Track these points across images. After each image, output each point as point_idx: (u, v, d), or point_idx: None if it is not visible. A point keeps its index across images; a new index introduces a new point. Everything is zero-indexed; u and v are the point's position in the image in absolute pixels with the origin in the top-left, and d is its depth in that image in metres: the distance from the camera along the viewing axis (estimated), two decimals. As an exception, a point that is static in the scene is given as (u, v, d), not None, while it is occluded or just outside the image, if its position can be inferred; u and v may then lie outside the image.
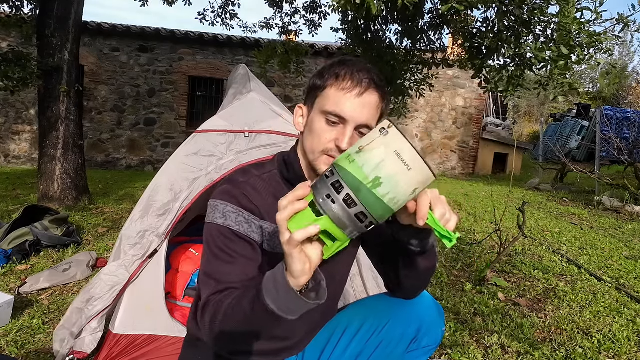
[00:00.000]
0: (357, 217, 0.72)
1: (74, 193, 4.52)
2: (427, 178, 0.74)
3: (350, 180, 0.72)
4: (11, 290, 2.42)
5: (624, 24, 2.22)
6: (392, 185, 0.71)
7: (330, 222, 0.72)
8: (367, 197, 0.71)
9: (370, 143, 0.73)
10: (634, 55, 30.76)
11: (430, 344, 1.18)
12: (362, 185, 0.71)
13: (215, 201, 1.05)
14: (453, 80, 9.78)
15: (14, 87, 4.04)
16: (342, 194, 0.72)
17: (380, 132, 0.74)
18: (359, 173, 0.72)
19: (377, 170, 0.71)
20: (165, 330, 1.71)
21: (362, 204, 0.71)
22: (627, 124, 10.72)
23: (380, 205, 0.72)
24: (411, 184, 0.73)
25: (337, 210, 0.72)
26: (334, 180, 0.73)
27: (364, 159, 0.72)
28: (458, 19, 3.47)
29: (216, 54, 8.97)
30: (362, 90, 0.98)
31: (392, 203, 0.73)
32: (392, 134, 0.73)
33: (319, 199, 0.73)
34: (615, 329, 2.25)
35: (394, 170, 0.71)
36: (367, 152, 0.72)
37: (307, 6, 6.25)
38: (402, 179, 0.72)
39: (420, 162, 0.72)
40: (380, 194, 0.71)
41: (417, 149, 0.72)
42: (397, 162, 0.71)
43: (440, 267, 3.05)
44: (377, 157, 0.72)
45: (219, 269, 0.99)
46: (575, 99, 13.86)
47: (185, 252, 2.43)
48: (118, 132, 8.87)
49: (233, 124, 1.95)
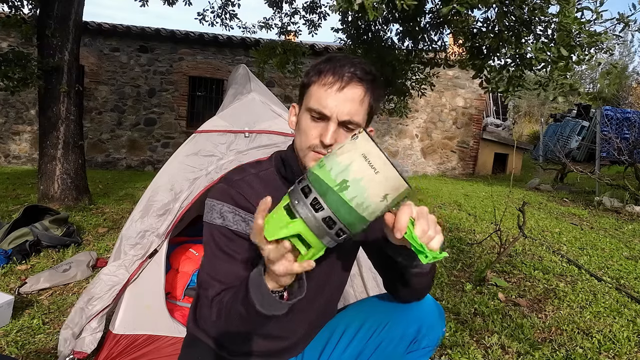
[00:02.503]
0: (325, 222, 0.71)
1: (74, 193, 4.52)
2: (398, 184, 0.72)
3: (318, 184, 0.72)
4: (11, 290, 2.42)
5: (625, 23, 2.22)
6: (359, 189, 0.70)
7: (303, 225, 0.71)
8: (333, 200, 0.70)
9: (340, 148, 0.74)
10: (634, 56, 30.77)
11: (430, 344, 1.18)
12: (329, 188, 0.71)
13: (212, 201, 1.05)
14: (453, 80, 9.78)
15: (14, 87, 4.04)
16: (309, 198, 0.71)
17: (352, 138, 0.74)
18: (327, 176, 0.71)
19: (343, 173, 0.70)
20: (165, 331, 1.71)
21: (328, 207, 0.70)
22: (627, 124, 10.72)
23: (347, 210, 0.71)
24: (380, 189, 0.71)
25: (305, 214, 0.71)
26: (303, 185, 0.73)
27: (332, 162, 0.72)
28: (458, 19, 3.47)
29: (216, 54, 8.98)
30: (342, 84, 0.97)
31: (361, 209, 0.71)
32: (361, 138, 0.73)
33: (292, 202, 0.73)
34: (616, 329, 2.25)
35: (361, 173, 0.70)
36: (336, 156, 0.72)
37: (307, 6, 6.25)
38: (370, 183, 0.70)
39: (389, 166, 0.70)
40: (347, 198, 0.70)
41: (386, 155, 0.71)
42: (364, 164, 0.70)
43: (440, 267, 3.05)
44: (345, 160, 0.71)
45: (221, 269, 1.00)
46: (575, 99, 13.85)
47: (185, 252, 2.43)
48: (118, 132, 8.87)
49: (233, 124, 1.95)
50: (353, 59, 1.02)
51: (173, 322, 1.74)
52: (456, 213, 5.18)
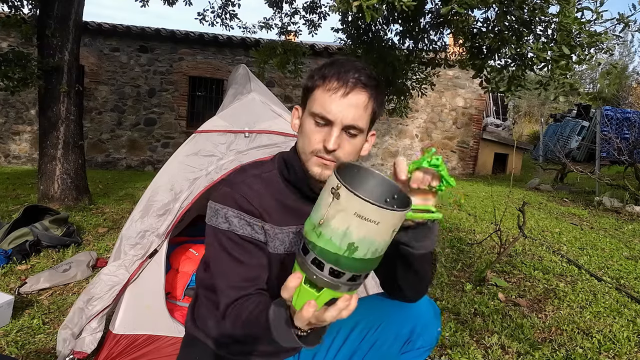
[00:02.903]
0: (350, 280, 0.72)
1: (74, 193, 4.51)
2: (400, 217, 0.71)
3: (326, 255, 0.70)
4: (11, 290, 2.41)
5: (625, 23, 2.22)
6: (367, 244, 0.69)
7: (330, 292, 0.72)
8: (349, 264, 0.70)
9: (327, 212, 0.69)
10: (634, 56, 30.78)
11: (425, 345, 1.18)
12: (339, 256, 0.69)
13: (215, 205, 1.04)
14: (453, 80, 9.78)
15: (14, 87, 4.04)
16: (325, 270, 0.71)
17: (332, 194, 0.69)
18: (331, 246, 0.69)
19: (346, 238, 0.68)
20: (165, 330, 1.71)
21: (348, 270, 0.70)
22: (627, 124, 10.72)
23: (364, 264, 0.71)
24: (386, 232, 0.70)
25: (331, 282, 0.71)
26: (312, 258, 0.71)
27: (329, 231, 0.69)
28: (458, 19, 3.47)
29: (216, 54, 8.98)
30: (347, 90, 0.97)
31: (377, 254, 0.71)
32: (344, 196, 0.67)
33: (311, 277, 0.71)
34: (616, 329, 2.25)
35: (363, 232, 0.68)
36: (329, 224, 0.69)
37: (307, 6, 6.25)
38: (376, 235, 0.69)
39: (387, 212, 0.67)
40: (360, 256, 0.69)
41: (375, 202, 0.67)
42: (362, 224, 0.67)
43: (440, 267, 3.05)
44: (341, 226, 0.68)
45: (233, 275, 1.00)
46: (575, 99, 13.86)
47: (185, 252, 2.43)
48: (118, 132, 8.87)
49: (233, 124, 1.95)
50: (357, 63, 1.02)
51: (173, 322, 1.74)
52: (456, 213, 5.18)
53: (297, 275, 0.72)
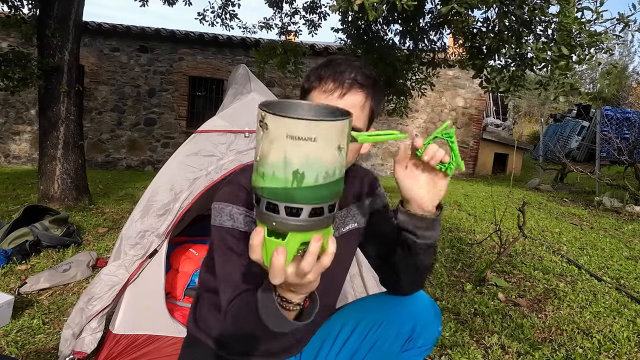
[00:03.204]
0: (313, 215, 0.64)
1: (74, 193, 4.52)
2: (339, 127, 0.63)
3: (276, 194, 0.63)
4: (11, 290, 2.41)
5: (625, 23, 2.22)
6: (314, 168, 0.62)
7: (296, 235, 0.65)
8: (302, 195, 0.63)
9: (261, 148, 0.64)
10: (634, 56, 30.78)
11: (426, 343, 1.18)
12: (288, 190, 0.62)
13: (220, 204, 1.04)
14: (453, 80, 9.78)
15: (14, 87, 4.04)
16: (281, 211, 0.64)
17: (261, 127, 0.63)
18: (277, 181, 0.63)
19: (288, 167, 0.61)
20: (166, 330, 1.71)
21: (304, 203, 0.63)
22: (627, 124, 10.73)
23: (319, 191, 0.63)
24: (330, 149, 0.63)
25: (291, 223, 0.64)
26: (265, 204, 0.65)
27: (269, 166, 0.63)
28: (458, 19, 3.47)
29: (216, 54, 8.98)
30: (343, 91, 0.97)
31: (329, 178, 0.64)
32: (271, 123, 0.62)
33: (270, 225, 0.65)
34: (616, 329, 2.25)
35: (303, 154, 0.61)
36: (267, 159, 0.63)
37: (307, 6, 6.26)
38: (318, 154, 0.62)
39: (319, 124, 0.61)
40: (310, 183, 0.62)
41: (304, 115, 0.62)
42: (298, 145, 0.61)
43: (440, 267, 3.05)
44: (278, 156, 0.62)
45: (234, 272, 0.98)
46: (575, 99, 13.86)
47: (185, 252, 2.43)
48: (118, 132, 8.87)
49: (233, 124, 1.95)
50: (353, 62, 1.01)
51: (173, 322, 1.74)
52: (456, 213, 5.18)
53: (258, 230, 0.66)
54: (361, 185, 1.21)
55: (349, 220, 1.18)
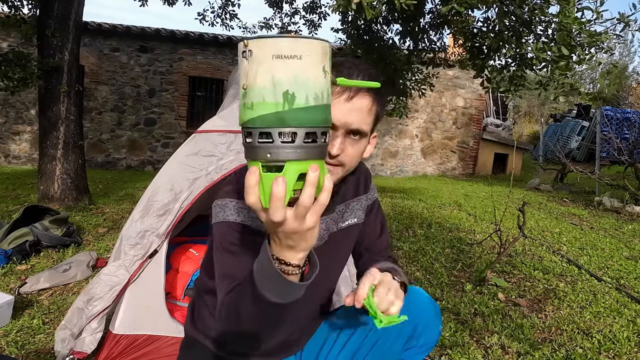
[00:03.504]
0: (308, 140, 0.63)
1: (74, 193, 4.51)
2: (322, 48, 0.63)
3: (269, 120, 0.61)
4: (11, 290, 2.41)
5: (625, 23, 2.22)
6: (303, 87, 0.61)
7: (294, 164, 0.62)
8: (294, 117, 0.61)
9: (247, 77, 0.62)
10: (634, 56, 30.79)
11: (427, 343, 1.19)
12: (280, 113, 0.61)
13: (224, 200, 1.02)
14: (453, 80, 9.78)
15: (14, 87, 4.04)
16: (276, 139, 0.61)
17: (245, 58, 0.62)
18: (268, 107, 0.61)
19: (278, 87, 0.60)
20: (166, 331, 1.71)
21: (297, 126, 0.62)
22: (627, 125, 10.73)
23: (311, 113, 0.62)
24: (316, 68, 0.62)
25: (289, 150, 0.62)
26: (257, 136, 0.62)
27: (257, 92, 0.61)
28: (458, 19, 3.48)
29: (216, 54, 8.98)
30: (351, 94, 0.95)
31: (320, 101, 0.63)
32: (255, 47, 0.61)
33: (265, 156, 0.62)
34: (616, 329, 2.24)
35: (291, 73, 0.60)
36: (255, 84, 0.61)
37: (307, 6, 6.26)
38: (305, 72, 0.61)
39: (303, 41, 0.61)
40: (302, 104, 0.61)
41: (287, 34, 0.62)
42: (285, 63, 0.60)
43: (440, 267, 3.05)
44: (266, 78, 0.60)
45: (234, 265, 0.96)
46: (575, 99, 13.86)
47: (185, 252, 2.43)
48: (118, 132, 8.87)
49: (233, 124, 1.95)
50: (360, 65, 1.00)
51: (173, 322, 1.74)
52: (456, 213, 5.18)
53: (253, 169, 0.63)
54: (359, 181, 1.22)
55: (348, 215, 1.18)
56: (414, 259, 3.25)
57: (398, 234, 3.97)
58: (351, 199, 1.19)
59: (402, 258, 3.27)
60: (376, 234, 1.27)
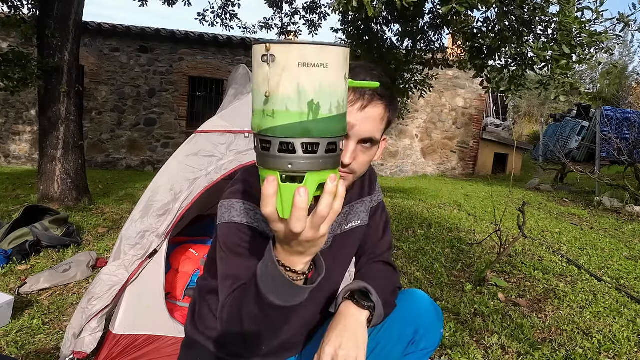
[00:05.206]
0: (328, 150, 0.61)
1: (74, 193, 4.52)
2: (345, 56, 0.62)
3: (292, 130, 0.58)
4: (11, 290, 2.41)
5: (625, 23, 2.22)
6: (327, 96, 0.59)
7: (314, 175, 0.61)
8: (319, 128, 0.59)
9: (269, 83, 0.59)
10: (634, 56, 30.80)
11: (428, 346, 1.18)
12: (305, 123, 0.58)
13: (230, 200, 1.01)
14: (453, 80, 9.79)
15: (14, 88, 4.04)
16: (298, 149, 0.59)
17: (265, 62, 0.59)
18: (292, 116, 0.58)
19: (303, 96, 0.58)
20: (166, 331, 1.71)
21: (321, 137, 0.60)
22: (627, 125, 10.73)
23: (333, 123, 0.61)
24: (339, 76, 0.61)
25: (310, 161, 0.60)
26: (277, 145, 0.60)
27: (280, 100, 0.58)
28: (458, 19, 3.47)
29: (216, 54, 8.98)
30: (364, 103, 0.94)
31: (341, 109, 0.62)
32: (279, 52, 0.58)
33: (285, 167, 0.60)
34: (616, 329, 2.24)
35: (317, 81, 0.58)
36: (278, 91, 0.58)
37: (307, 6, 6.26)
38: (329, 80, 0.59)
39: (328, 49, 0.59)
40: (326, 114, 0.59)
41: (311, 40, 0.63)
42: (311, 72, 0.58)
43: (440, 267, 3.05)
44: (291, 86, 0.58)
45: (238, 266, 0.95)
46: (575, 99, 13.87)
47: (185, 252, 2.43)
48: (118, 133, 8.87)
49: (233, 124, 1.95)
50: (372, 71, 0.99)
51: (173, 322, 1.74)
52: (456, 213, 5.18)
53: (271, 179, 0.60)
54: (364, 183, 1.21)
55: (352, 217, 1.18)
56: (414, 259, 3.25)
57: (398, 234, 3.97)
58: (355, 201, 1.18)
59: (402, 258, 3.27)
60: (378, 237, 1.27)
